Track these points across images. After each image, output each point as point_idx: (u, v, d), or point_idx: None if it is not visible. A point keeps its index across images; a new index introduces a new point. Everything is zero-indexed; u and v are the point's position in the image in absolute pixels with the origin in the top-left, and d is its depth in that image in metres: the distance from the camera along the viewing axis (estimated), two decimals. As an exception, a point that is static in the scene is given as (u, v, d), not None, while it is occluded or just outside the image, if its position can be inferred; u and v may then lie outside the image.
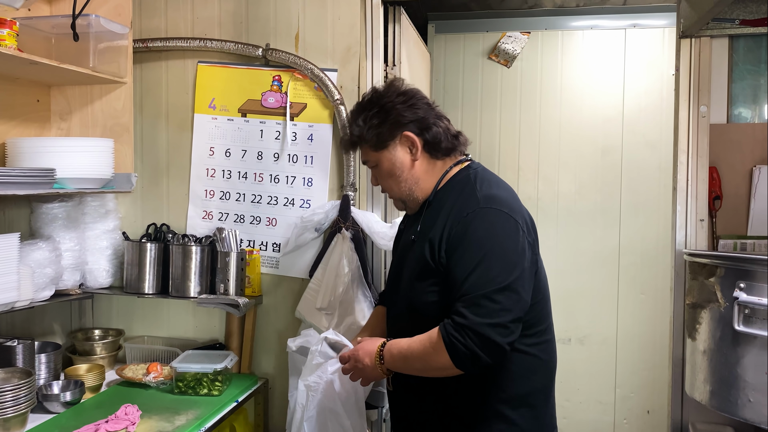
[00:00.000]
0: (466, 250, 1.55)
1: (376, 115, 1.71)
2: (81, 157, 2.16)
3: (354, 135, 1.76)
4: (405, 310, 1.72)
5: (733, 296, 1.82)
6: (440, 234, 1.62)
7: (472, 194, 1.64)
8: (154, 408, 2.11)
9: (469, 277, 1.52)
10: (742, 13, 2.33)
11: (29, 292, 2.14)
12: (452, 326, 1.50)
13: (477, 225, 1.57)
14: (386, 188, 1.78)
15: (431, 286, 1.63)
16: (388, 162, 1.72)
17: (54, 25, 2.14)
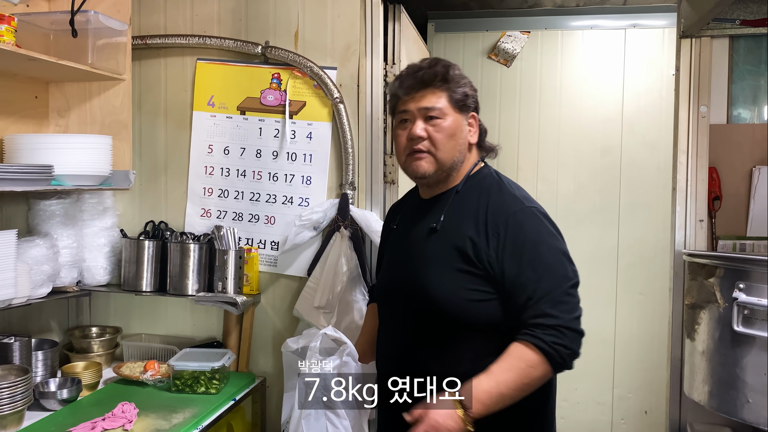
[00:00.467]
0: (529, 251, 1.54)
1: (469, 82, 1.69)
2: (79, 153, 2.15)
3: (445, 74, 1.64)
4: (432, 314, 1.60)
5: (732, 297, 1.82)
6: (484, 233, 1.57)
7: (509, 193, 1.65)
8: (151, 406, 2.10)
9: (544, 277, 1.52)
10: (742, 13, 2.33)
11: (26, 289, 2.13)
12: (546, 333, 1.46)
13: (531, 225, 1.58)
14: (439, 144, 1.63)
15: (473, 284, 1.57)
16: (457, 124, 1.65)
17: (53, 22, 2.13)
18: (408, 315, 1.66)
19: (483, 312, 1.56)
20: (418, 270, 1.64)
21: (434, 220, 1.66)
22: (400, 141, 1.67)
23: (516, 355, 1.48)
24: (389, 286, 1.77)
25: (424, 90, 1.63)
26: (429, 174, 1.65)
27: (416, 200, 1.80)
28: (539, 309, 1.49)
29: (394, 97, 1.69)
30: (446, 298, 1.57)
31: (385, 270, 1.83)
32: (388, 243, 1.86)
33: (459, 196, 1.67)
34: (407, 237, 1.74)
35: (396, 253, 1.78)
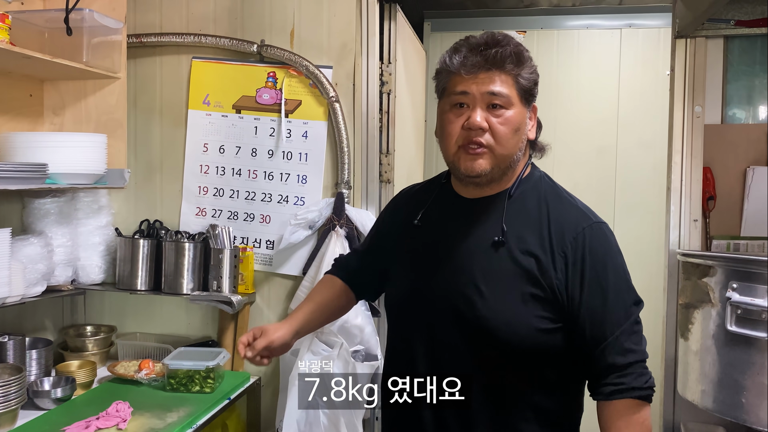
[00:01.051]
0: (602, 277, 1.36)
1: (537, 72, 1.42)
2: (74, 152, 2.15)
3: (521, 56, 1.38)
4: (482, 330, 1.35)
5: (726, 296, 1.83)
6: (549, 250, 1.36)
7: (571, 204, 1.43)
8: (145, 405, 2.10)
9: (619, 305, 1.36)
10: (737, 13, 2.34)
11: (20, 288, 2.12)
12: (643, 376, 1.33)
13: (600, 244, 1.38)
14: (502, 138, 1.36)
15: (541, 314, 1.34)
16: (522, 116, 1.39)
17: (47, 19, 2.12)
18: (452, 337, 1.39)
19: (549, 343, 1.35)
20: (473, 287, 1.37)
21: (491, 231, 1.40)
22: (453, 128, 1.38)
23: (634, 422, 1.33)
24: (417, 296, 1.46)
25: (490, 71, 1.35)
26: (485, 173, 1.38)
27: (451, 197, 1.50)
28: (621, 343, 1.33)
29: (448, 73, 1.39)
30: (509, 325, 1.34)
31: (411, 280, 1.48)
32: (408, 243, 1.53)
33: (512, 201, 1.42)
34: (445, 245, 1.45)
35: (428, 263, 1.46)
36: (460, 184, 1.48)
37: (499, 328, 1.33)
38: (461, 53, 1.37)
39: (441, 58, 1.41)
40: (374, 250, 1.67)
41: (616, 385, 1.32)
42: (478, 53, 1.35)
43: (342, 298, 1.70)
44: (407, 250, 1.52)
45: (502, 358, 1.35)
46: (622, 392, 1.32)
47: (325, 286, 1.71)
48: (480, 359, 1.36)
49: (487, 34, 1.40)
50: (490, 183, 1.42)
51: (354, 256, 1.78)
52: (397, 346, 1.52)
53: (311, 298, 1.69)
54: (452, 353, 1.38)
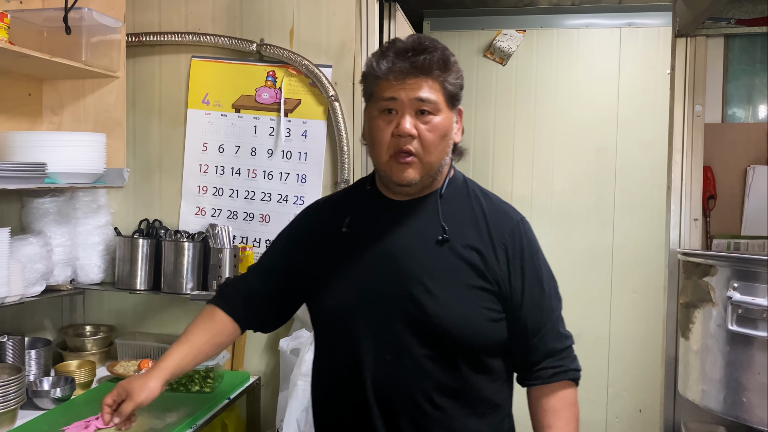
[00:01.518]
0: (538, 268, 1.44)
1: (462, 76, 1.44)
2: (73, 151, 2.14)
3: (447, 62, 1.39)
4: (435, 328, 1.36)
5: (726, 296, 1.82)
6: (489, 242, 1.40)
7: (498, 200, 1.49)
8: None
9: (553, 295, 1.46)
10: (737, 12, 2.33)
11: (19, 288, 2.12)
12: (570, 357, 1.44)
13: (531, 237, 1.46)
14: (430, 146, 1.36)
15: (489, 306, 1.39)
16: (449, 122, 1.40)
17: (46, 18, 2.12)
18: (403, 338, 1.38)
19: (498, 334, 1.41)
20: (420, 287, 1.37)
21: (431, 229, 1.41)
22: (383, 136, 1.37)
23: (571, 402, 1.44)
24: (357, 305, 1.42)
25: (418, 77, 1.35)
26: (415, 182, 1.39)
27: (379, 201, 1.49)
28: (556, 328, 1.44)
29: (375, 77, 1.38)
30: (462, 319, 1.36)
31: (349, 288, 1.44)
32: (337, 252, 1.47)
33: (444, 201, 1.45)
34: (385, 248, 1.42)
35: (368, 268, 1.43)
36: (388, 189, 1.47)
37: (452, 324, 1.36)
38: (388, 58, 1.36)
39: (368, 62, 1.41)
40: (284, 270, 1.56)
41: (555, 368, 1.41)
42: (405, 59, 1.35)
43: (222, 334, 1.57)
44: (337, 259, 1.47)
45: (456, 354, 1.37)
46: (562, 374, 1.42)
47: (204, 323, 1.57)
48: (434, 357, 1.37)
49: (414, 38, 1.40)
50: (422, 189, 1.44)
51: (251, 279, 1.61)
52: (339, 359, 1.45)
53: (187, 338, 1.55)
54: (404, 355, 1.37)
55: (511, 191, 3.70)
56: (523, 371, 1.45)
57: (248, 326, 1.61)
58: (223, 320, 1.57)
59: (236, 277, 1.71)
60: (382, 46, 1.41)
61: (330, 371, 1.48)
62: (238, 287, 1.60)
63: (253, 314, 1.58)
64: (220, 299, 1.60)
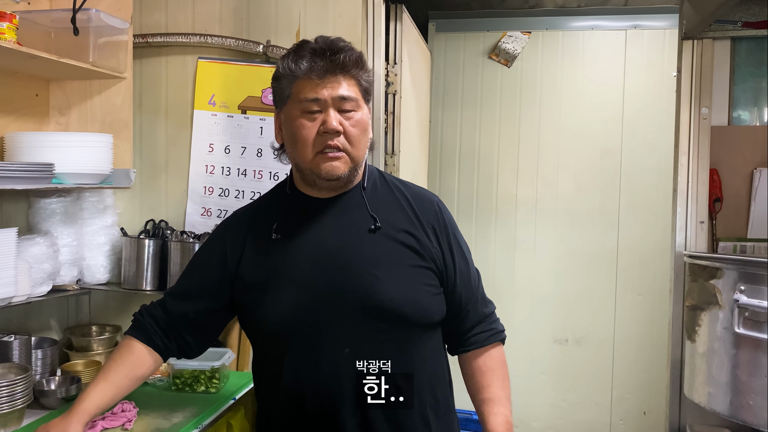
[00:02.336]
0: (460, 242, 1.56)
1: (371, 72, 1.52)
2: (79, 152, 2.15)
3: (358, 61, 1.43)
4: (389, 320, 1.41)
5: (733, 299, 1.82)
6: (418, 224, 1.48)
7: (417, 188, 1.60)
8: (151, 405, 2.10)
9: (472, 265, 1.57)
10: (744, 15, 2.33)
11: (26, 288, 2.12)
12: (499, 323, 1.58)
13: (450, 215, 1.58)
14: (354, 141, 1.42)
15: (429, 282, 1.47)
16: (367, 117, 1.46)
17: (54, 19, 2.13)
18: (360, 330, 1.40)
19: (440, 307, 1.49)
20: (368, 275, 1.41)
21: (362, 221, 1.45)
22: (308, 134, 1.40)
23: (503, 361, 1.56)
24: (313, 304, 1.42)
25: (337, 75, 1.39)
26: (344, 176, 1.43)
27: (303, 202, 1.51)
28: (482, 296, 1.57)
29: (293, 77, 1.41)
30: (411, 299, 1.42)
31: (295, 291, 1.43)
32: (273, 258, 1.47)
33: (368, 193, 1.50)
34: (322, 246, 1.44)
35: (310, 268, 1.43)
36: (312, 188, 1.50)
37: (404, 304, 1.41)
38: (306, 58, 1.40)
39: (283, 64, 1.44)
40: (206, 289, 1.54)
41: (488, 332, 1.54)
42: (325, 58, 1.39)
43: (142, 367, 1.56)
44: (272, 266, 1.46)
45: (409, 332, 1.44)
46: (495, 335, 1.55)
47: (122, 357, 1.55)
48: (392, 340, 1.42)
49: (325, 38, 1.44)
50: (346, 184, 1.48)
51: (170, 305, 1.58)
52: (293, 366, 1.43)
53: (105, 375, 1.53)
54: (363, 344, 1.40)
55: (516, 193, 3.70)
56: (456, 339, 1.56)
57: (170, 355, 1.60)
58: (141, 352, 1.55)
59: (152, 304, 1.64)
60: (292, 48, 1.46)
61: (280, 380, 1.45)
62: (155, 315, 1.58)
63: (176, 341, 1.57)
64: (135, 330, 1.58)
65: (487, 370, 1.53)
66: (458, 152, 3.73)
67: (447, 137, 3.71)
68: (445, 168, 3.75)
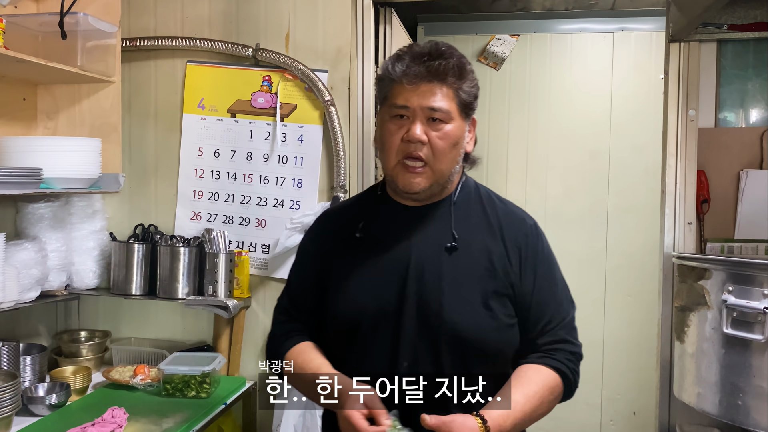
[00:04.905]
0: (548, 271, 1.43)
1: (477, 85, 1.43)
2: (68, 156, 2.14)
3: (463, 70, 1.37)
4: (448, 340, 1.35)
5: (721, 299, 1.83)
6: (503, 246, 1.41)
7: (512, 205, 1.51)
8: (141, 410, 2.09)
9: (560, 301, 1.43)
10: (730, 18, 2.35)
11: (14, 293, 2.11)
12: (569, 359, 1.39)
13: (543, 243, 1.46)
14: (440, 154, 1.36)
15: (502, 310, 1.38)
16: (461, 131, 1.39)
17: (41, 23, 2.11)
18: (421, 350, 1.36)
19: (508, 337, 1.39)
20: (435, 292, 1.37)
21: (444, 236, 1.41)
22: (393, 140, 1.37)
23: (541, 381, 1.35)
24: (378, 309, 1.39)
25: (432, 83, 1.34)
26: (423, 190, 1.38)
27: (391, 206, 1.48)
28: (558, 335, 1.40)
29: (390, 80, 1.38)
30: (476, 325, 1.35)
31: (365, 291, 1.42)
32: (352, 256, 1.46)
33: (457, 207, 1.45)
34: (399, 253, 1.41)
35: (383, 272, 1.41)
36: (398, 195, 1.46)
37: (467, 330, 1.34)
38: (404, 62, 1.35)
39: (384, 65, 1.41)
40: (312, 282, 1.52)
41: (553, 359, 1.38)
42: (421, 63, 1.34)
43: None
44: (352, 263, 1.45)
45: (470, 358, 1.35)
46: (553, 360, 1.37)
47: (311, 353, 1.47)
48: (449, 362, 1.35)
49: (432, 43, 1.39)
50: (432, 196, 1.43)
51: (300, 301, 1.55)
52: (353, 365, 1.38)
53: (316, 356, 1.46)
54: (420, 363, 1.34)
55: (505, 195, 3.65)
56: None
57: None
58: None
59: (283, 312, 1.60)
60: (399, 50, 1.40)
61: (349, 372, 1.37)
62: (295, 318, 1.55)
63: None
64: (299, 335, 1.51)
65: (522, 373, 1.37)
66: (448, 155, 3.73)
67: (436, 140, 3.72)
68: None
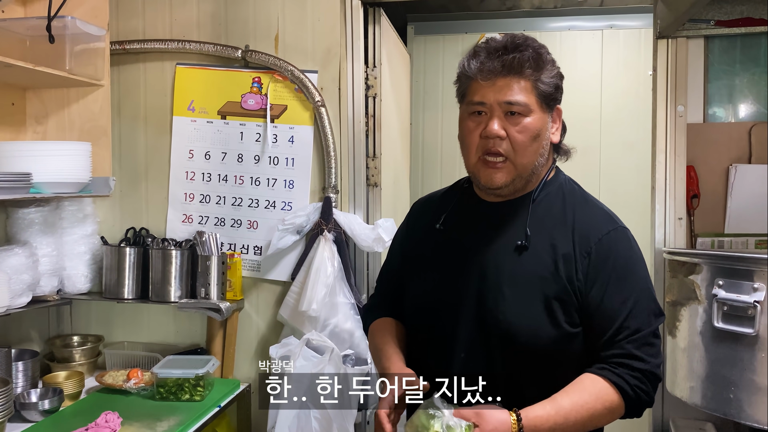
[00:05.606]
0: (621, 280, 1.34)
1: (558, 72, 1.39)
2: (58, 160, 2.13)
3: (539, 60, 1.34)
4: (503, 343, 1.34)
5: (712, 293, 1.84)
6: (572, 251, 1.35)
7: (598, 208, 1.43)
8: (135, 414, 2.08)
9: (633, 313, 1.32)
10: (717, 14, 2.37)
11: (5, 299, 2.10)
12: (632, 375, 1.29)
13: (624, 249, 1.37)
14: (519, 147, 1.35)
15: (564, 318, 1.33)
16: (542, 123, 1.36)
17: (29, 27, 2.10)
18: (468, 342, 1.38)
19: (567, 346, 1.35)
20: (496, 290, 1.37)
21: (516, 234, 1.39)
22: (472, 138, 1.37)
23: (595, 393, 1.29)
24: (440, 301, 1.44)
25: (508, 77, 1.33)
26: (506, 185, 1.38)
27: (473, 201, 1.49)
28: (625, 348, 1.31)
29: (467, 78, 1.37)
30: (530, 328, 1.33)
31: (430, 281, 1.48)
32: (430, 246, 1.51)
33: (536, 204, 1.41)
34: (470, 248, 1.43)
35: (453, 265, 1.44)
36: (480, 190, 1.47)
37: (520, 332, 1.33)
38: (479, 58, 1.35)
39: (461, 62, 1.39)
40: (401, 265, 1.59)
41: (610, 371, 1.31)
42: (496, 58, 1.33)
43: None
44: (429, 252, 1.50)
45: (523, 361, 1.34)
46: (609, 372, 1.30)
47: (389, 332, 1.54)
48: (502, 361, 1.35)
49: (508, 36, 1.37)
50: (515, 192, 1.42)
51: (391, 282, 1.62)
52: (421, 347, 1.47)
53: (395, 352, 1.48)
54: (476, 357, 1.36)
55: (498, 193, 3.72)
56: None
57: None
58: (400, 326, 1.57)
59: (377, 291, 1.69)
60: (476, 46, 1.38)
61: (410, 357, 1.47)
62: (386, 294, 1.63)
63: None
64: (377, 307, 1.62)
65: (577, 382, 1.31)
66: (440, 153, 3.74)
67: (428, 139, 3.73)
68: (427, 169, 3.76)
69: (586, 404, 1.27)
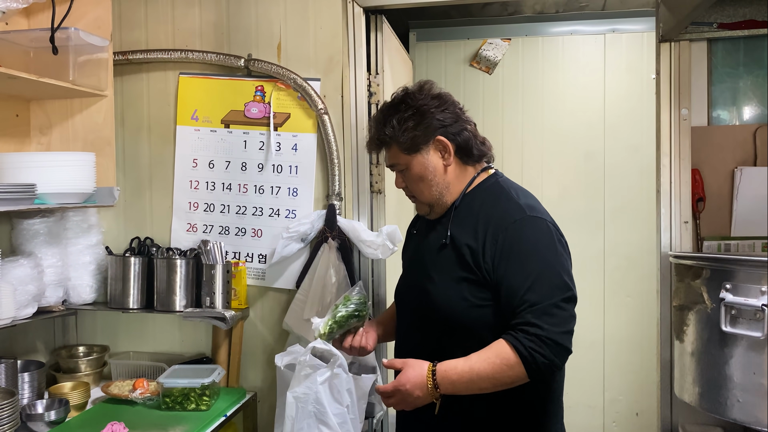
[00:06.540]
0: (524, 259, 1.58)
1: (411, 117, 1.71)
2: (62, 171, 2.13)
3: (386, 135, 1.74)
4: (433, 316, 1.70)
5: (719, 297, 1.83)
6: (482, 241, 1.63)
7: (513, 202, 1.67)
8: (141, 425, 2.08)
9: (533, 287, 1.55)
10: (719, 16, 2.36)
11: (11, 310, 2.10)
12: (528, 338, 1.51)
13: (529, 234, 1.60)
14: (415, 192, 1.77)
15: (472, 293, 1.63)
16: (420, 166, 1.73)
17: (32, 39, 2.11)
18: (415, 317, 1.79)
19: (476, 316, 1.63)
20: (425, 278, 1.73)
21: (442, 236, 1.72)
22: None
23: (495, 350, 1.55)
24: (404, 288, 1.89)
25: (382, 147, 1.80)
26: (428, 213, 1.80)
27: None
28: (525, 317, 1.53)
29: None
30: (445, 303, 1.66)
31: (404, 274, 1.95)
32: (409, 247, 1.96)
33: (459, 210, 1.73)
34: (420, 247, 1.84)
35: (412, 260, 1.89)
36: None
37: (440, 306, 1.67)
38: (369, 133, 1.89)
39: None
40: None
41: (509, 334, 1.55)
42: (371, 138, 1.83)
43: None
44: (407, 257, 1.97)
45: (448, 330, 1.67)
46: (507, 335, 1.54)
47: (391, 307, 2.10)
48: (440, 338, 1.68)
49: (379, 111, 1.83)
50: (441, 210, 1.77)
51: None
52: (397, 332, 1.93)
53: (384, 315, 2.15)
54: (425, 335, 1.74)
55: (502, 199, 3.71)
56: None
57: None
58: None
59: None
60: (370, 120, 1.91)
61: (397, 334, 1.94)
62: None
63: None
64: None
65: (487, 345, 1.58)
66: (443, 160, 3.73)
67: (431, 145, 3.72)
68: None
69: (488, 358, 1.54)
